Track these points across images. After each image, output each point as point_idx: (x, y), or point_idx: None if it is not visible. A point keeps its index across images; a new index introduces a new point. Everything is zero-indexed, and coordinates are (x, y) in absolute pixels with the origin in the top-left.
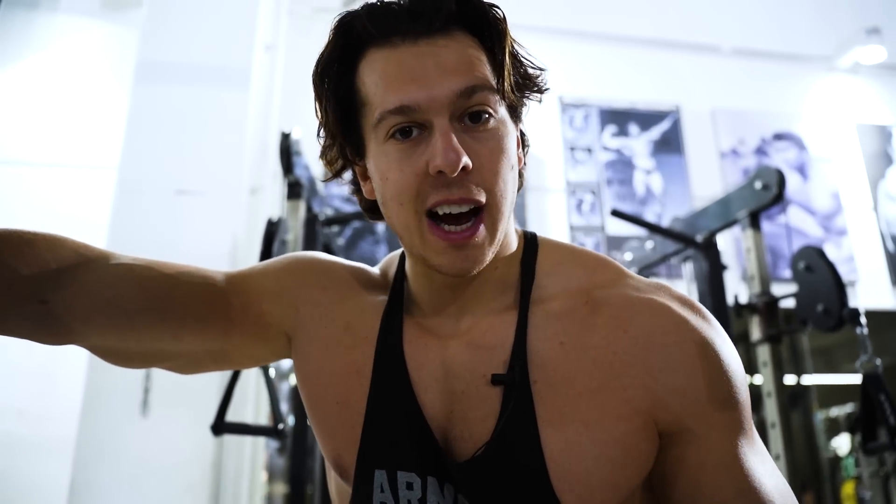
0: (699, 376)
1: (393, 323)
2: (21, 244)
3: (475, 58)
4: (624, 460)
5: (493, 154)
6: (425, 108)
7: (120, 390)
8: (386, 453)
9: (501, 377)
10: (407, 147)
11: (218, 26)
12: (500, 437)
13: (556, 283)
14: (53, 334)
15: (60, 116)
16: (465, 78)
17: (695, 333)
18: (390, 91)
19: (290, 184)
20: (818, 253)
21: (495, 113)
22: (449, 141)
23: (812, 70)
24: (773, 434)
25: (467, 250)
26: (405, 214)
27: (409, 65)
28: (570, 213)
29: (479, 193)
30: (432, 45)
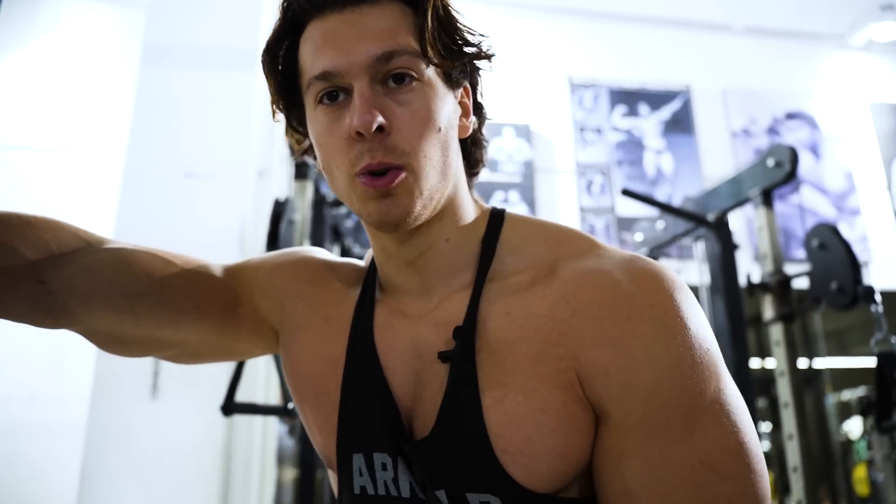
0: (625, 358)
1: (365, 310)
2: (21, 225)
3: (398, 23)
4: (566, 429)
5: (414, 115)
6: (345, 73)
7: (129, 374)
8: (361, 437)
9: (446, 353)
10: (334, 110)
11: (224, 8)
12: (444, 413)
13: (520, 260)
14: (51, 315)
15: (68, 101)
16: (385, 43)
17: (633, 310)
18: (316, 58)
19: (297, 164)
20: (832, 230)
21: (420, 76)
22: (364, 102)
23: (825, 48)
24: (787, 414)
25: (391, 197)
26: (341, 178)
27: (332, 32)
28: (580, 195)
29: (398, 157)
30: (356, 13)
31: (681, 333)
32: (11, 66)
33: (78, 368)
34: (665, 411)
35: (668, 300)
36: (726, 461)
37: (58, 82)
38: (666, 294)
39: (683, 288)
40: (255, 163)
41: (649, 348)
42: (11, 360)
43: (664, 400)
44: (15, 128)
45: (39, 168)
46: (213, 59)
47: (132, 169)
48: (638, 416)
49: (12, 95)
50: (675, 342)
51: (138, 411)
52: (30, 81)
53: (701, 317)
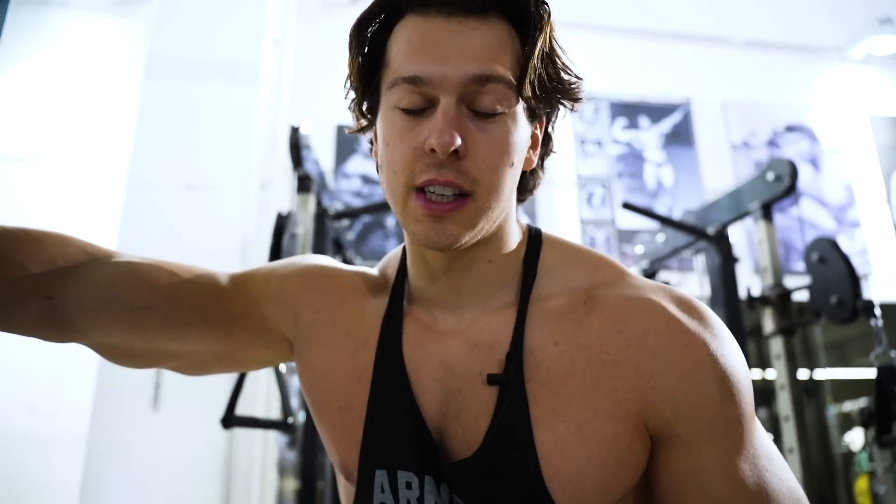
0: (689, 381)
1: (393, 324)
2: (28, 241)
3: (502, 47)
4: (616, 461)
5: (493, 146)
6: (436, 84)
7: (131, 386)
8: (386, 453)
9: (497, 377)
10: (412, 119)
11: (227, 21)
12: (494, 436)
13: (556, 282)
14: (58, 330)
15: (71, 112)
16: (483, 65)
17: (688, 336)
18: (409, 59)
19: (299, 178)
20: (832, 244)
21: (507, 107)
22: (447, 121)
23: (824, 61)
24: (787, 427)
25: (443, 223)
26: (396, 183)
27: (433, 38)
28: (581, 207)
29: (468, 182)
30: (463, 25)
31: (732, 355)
32: (15, 77)
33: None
34: (732, 426)
35: (716, 327)
36: (774, 463)
37: (61, 94)
38: (712, 321)
39: (717, 317)
40: (258, 175)
41: (711, 371)
42: (12, 371)
43: (730, 416)
44: (18, 139)
45: (42, 179)
46: (217, 71)
47: (135, 180)
48: (708, 434)
49: (15, 106)
50: (733, 360)
51: (139, 423)
52: (33, 92)
53: (738, 347)
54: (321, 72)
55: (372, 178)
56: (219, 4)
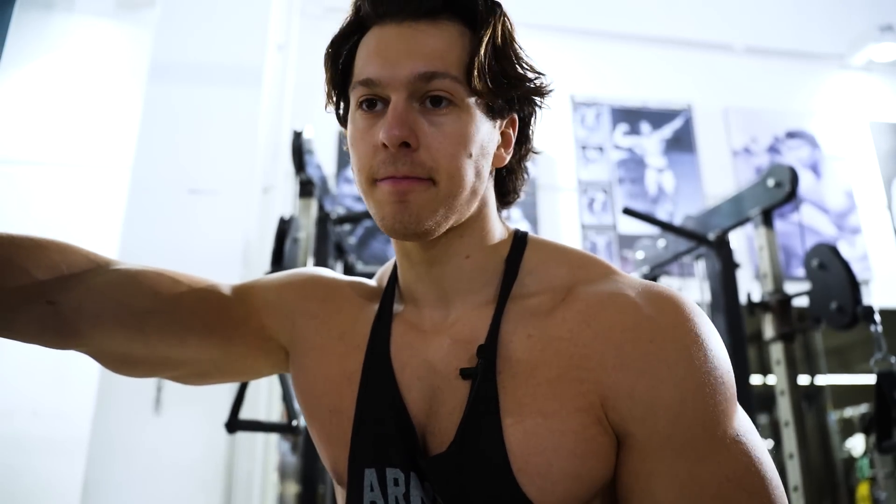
0: (648, 379)
1: (382, 326)
2: (32, 247)
3: (451, 45)
4: (584, 452)
5: (445, 137)
6: (385, 84)
7: (133, 389)
8: (374, 452)
9: (468, 370)
10: (371, 117)
11: (230, 26)
12: (464, 429)
13: (538, 281)
14: (61, 336)
15: (75, 116)
16: (429, 63)
17: (654, 332)
18: (365, 64)
19: (301, 182)
20: (831, 250)
21: (458, 101)
22: (395, 116)
23: (825, 68)
24: (787, 433)
25: (408, 202)
26: (361, 180)
27: (385, 43)
28: (582, 212)
29: (424, 172)
30: (413, 29)
31: (702, 355)
32: (19, 80)
33: (81, 383)
34: (690, 430)
35: (688, 323)
36: (750, 477)
37: (65, 98)
38: (685, 317)
39: (701, 313)
40: (260, 179)
41: (672, 369)
42: (15, 374)
43: (689, 419)
44: (22, 142)
45: (45, 183)
46: (220, 75)
47: (138, 184)
48: (663, 436)
49: (20, 110)
50: (698, 363)
51: (141, 426)
52: (37, 96)
53: (719, 340)
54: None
55: None
56: (222, 9)
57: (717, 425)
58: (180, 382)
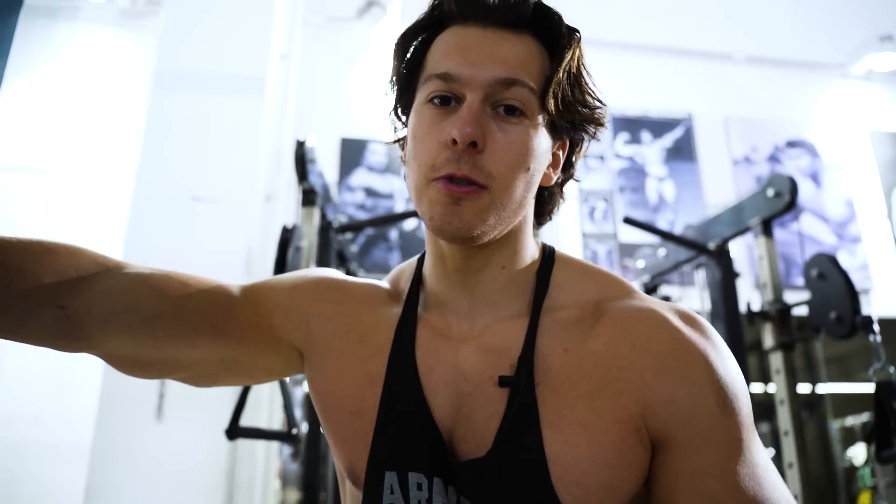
0: (689, 384)
1: (406, 330)
2: (42, 252)
3: (530, 59)
4: (620, 463)
5: (511, 146)
6: (464, 82)
7: (135, 395)
8: (396, 455)
9: (508, 378)
10: (440, 113)
11: (234, 35)
12: (504, 437)
13: (567, 295)
14: (71, 339)
15: (79, 124)
16: (510, 70)
17: (689, 344)
18: (443, 58)
19: (304, 191)
20: (831, 260)
21: (529, 114)
22: (470, 115)
23: (825, 77)
24: (787, 442)
25: (460, 207)
26: (419, 175)
27: (468, 42)
28: (583, 221)
29: (482, 177)
30: (497, 34)
31: (732, 364)
32: (24, 89)
33: (84, 389)
34: (730, 432)
35: (716, 339)
36: (771, 475)
37: (69, 106)
38: (712, 334)
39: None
40: (263, 187)
41: (711, 376)
42: (18, 379)
43: (728, 422)
44: (27, 150)
45: (50, 190)
46: (223, 84)
47: (141, 192)
48: (705, 437)
49: (25, 118)
50: (731, 371)
51: (143, 433)
52: (42, 104)
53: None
54: (327, 85)
55: (376, 191)
56: (226, 19)
57: (748, 427)
58: (190, 384)
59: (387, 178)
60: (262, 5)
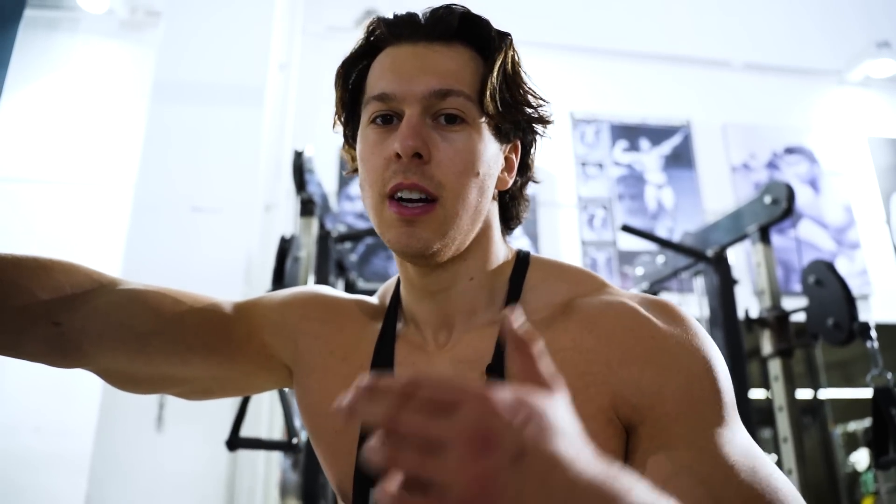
0: (654, 368)
1: (385, 346)
2: (37, 268)
3: (464, 67)
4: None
5: (456, 154)
6: (401, 98)
7: (135, 406)
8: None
9: None
10: (383, 132)
11: (233, 46)
12: None
13: (539, 298)
14: (65, 356)
15: (79, 135)
16: (444, 81)
17: (653, 330)
18: (379, 80)
19: (303, 201)
20: (828, 267)
21: (470, 120)
22: (409, 128)
23: (823, 84)
24: (786, 449)
25: (415, 227)
26: (373, 196)
27: (400, 60)
28: (582, 228)
29: (433, 186)
30: (428, 49)
31: (703, 348)
32: (24, 100)
33: (84, 400)
34: (701, 406)
35: (685, 323)
36: (757, 455)
37: (69, 117)
38: (681, 318)
39: (693, 317)
40: (262, 197)
41: (676, 357)
42: (18, 390)
43: (698, 395)
44: (27, 161)
45: (49, 201)
46: (222, 95)
47: (141, 202)
48: (673, 415)
49: (25, 129)
50: (700, 353)
51: (143, 443)
52: (42, 115)
53: (713, 344)
54: (325, 95)
55: None
56: (224, 29)
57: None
58: (184, 398)
59: None
60: (260, 15)
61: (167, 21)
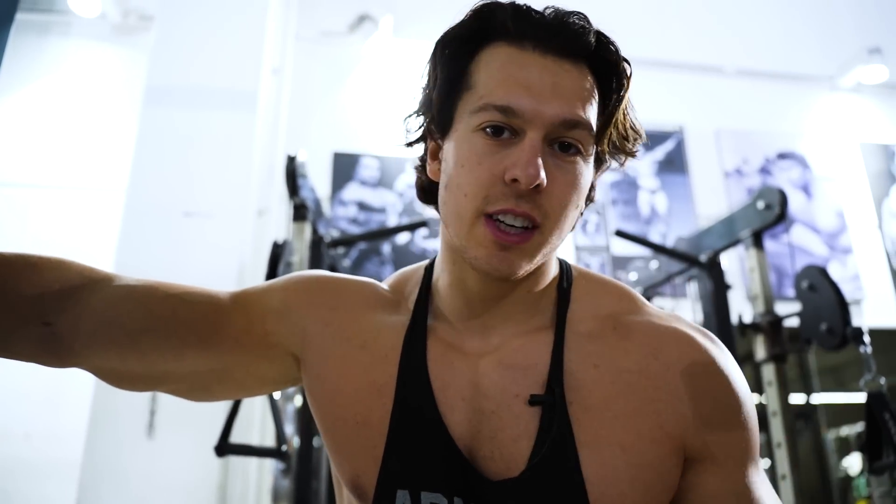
0: (722, 406)
1: (416, 341)
2: (25, 267)
3: (589, 93)
4: (656, 484)
5: (567, 186)
6: (528, 119)
7: (126, 412)
8: (409, 473)
9: (540, 398)
10: (494, 144)
11: (226, 50)
12: (541, 457)
13: (584, 309)
14: (57, 356)
15: (70, 139)
16: (574, 111)
17: (716, 366)
18: (503, 87)
19: (295, 206)
20: (821, 272)
21: (585, 153)
22: (534, 155)
23: (815, 89)
24: (780, 454)
25: (510, 252)
26: (465, 206)
27: (530, 71)
28: (576, 234)
29: (539, 215)
30: (558, 66)
31: (744, 382)
32: (15, 104)
33: (74, 406)
34: (752, 448)
35: (724, 349)
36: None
37: (61, 121)
38: (720, 344)
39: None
40: (255, 202)
41: (735, 395)
42: (8, 396)
43: (751, 438)
44: (18, 165)
45: (41, 205)
46: (215, 99)
47: (132, 207)
48: (738, 456)
49: (16, 133)
50: (746, 390)
51: (134, 450)
52: (33, 120)
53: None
54: (318, 100)
55: (368, 205)
56: (217, 33)
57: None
58: (183, 396)
59: (379, 193)
60: (253, 20)
61: (159, 25)
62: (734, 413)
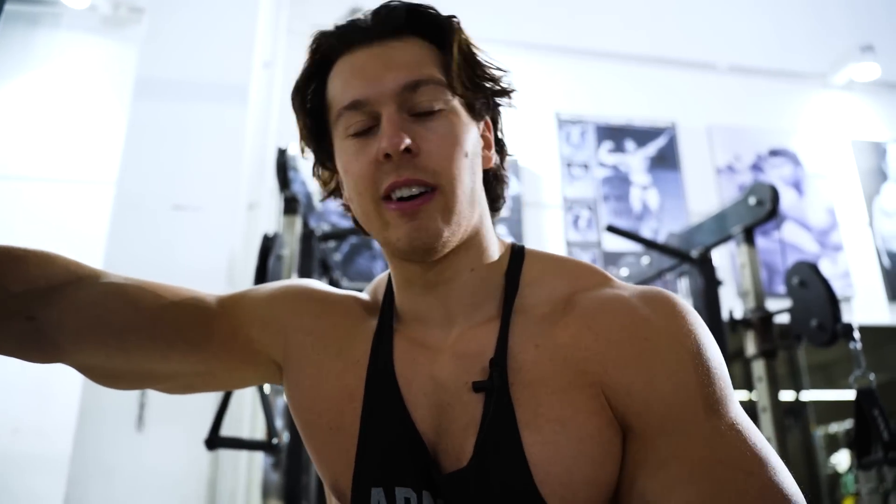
0: (645, 374)
1: (383, 343)
2: (10, 261)
3: (423, 56)
4: (601, 456)
5: (442, 139)
6: (374, 101)
7: (115, 406)
8: (382, 471)
9: (481, 383)
10: (363, 141)
11: (216, 43)
12: (482, 444)
13: (539, 293)
14: (41, 351)
15: (60, 131)
16: (411, 73)
17: (651, 331)
18: (345, 89)
19: (286, 199)
20: (811, 268)
21: (445, 105)
22: (392, 125)
23: (807, 87)
24: None
25: (420, 219)
26: (365, 203)
27: (361, 64)
28: (567, 229)
29: (429, 176)
30: (384, 47)
31: (694, 349)
32: (4, 96)
33: (63, 400)
34: (683, 419)
35: (681, 320)
36: (746, 460)
37: (50, 114)
38: (679, 314)
39: (692, 310)
40: (245, 196)
41: (666, 364)
42: None
43: (682, 409)
44: (7, 158)
45: (31, 198)
46: (205, 92)
47: (122, 200)
48: (657, 427)
49: (4, 125)
50: (690, 356)
51: (123, 444)
52: (22, 112)
53: (710, 335)
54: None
55: None
56: (208, 26)
57: (710, 414)
58: (167, 393)
59: None
60: (245, 13)
61: (150, 17)
62: (658, 384)
